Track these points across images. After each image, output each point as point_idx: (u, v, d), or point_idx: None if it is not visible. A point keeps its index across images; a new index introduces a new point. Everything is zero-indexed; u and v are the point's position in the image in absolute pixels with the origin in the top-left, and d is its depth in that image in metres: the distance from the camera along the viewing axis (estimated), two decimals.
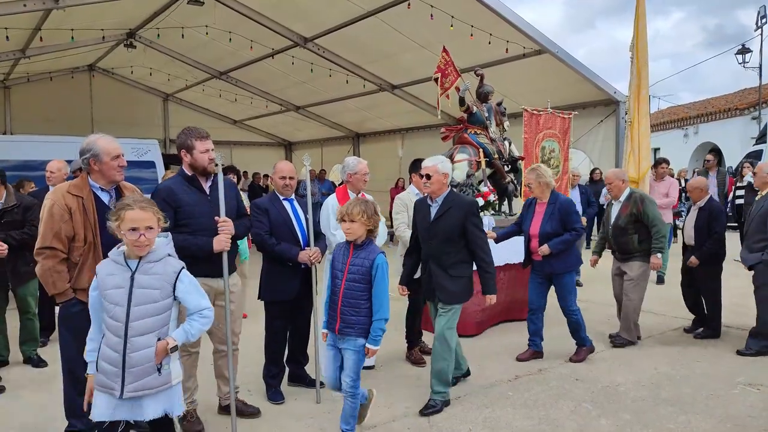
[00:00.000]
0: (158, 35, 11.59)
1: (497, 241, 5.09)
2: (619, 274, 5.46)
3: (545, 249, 4.72)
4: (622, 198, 5.37)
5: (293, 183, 4.15)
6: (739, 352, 5.02)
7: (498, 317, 6.03)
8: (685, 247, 5.80)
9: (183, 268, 2.64)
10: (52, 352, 4.74)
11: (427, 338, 5.39)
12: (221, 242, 3.43)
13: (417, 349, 5.04)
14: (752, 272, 5.12)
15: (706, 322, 5.62)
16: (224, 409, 3.77)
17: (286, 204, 4.10)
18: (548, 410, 3.93)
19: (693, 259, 5.52)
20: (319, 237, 4.22)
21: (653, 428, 3.63)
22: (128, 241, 2.52)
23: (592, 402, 4.06)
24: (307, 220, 4.10)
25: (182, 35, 11.04)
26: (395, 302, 7.05)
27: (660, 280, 7.92)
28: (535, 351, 5.02)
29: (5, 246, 4.50)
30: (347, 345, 3.32)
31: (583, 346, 4.98)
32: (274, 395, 4.07)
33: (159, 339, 2.53)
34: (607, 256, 5.69)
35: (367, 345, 3.30)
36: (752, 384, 4.34)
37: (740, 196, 9.44)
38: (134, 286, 2.51)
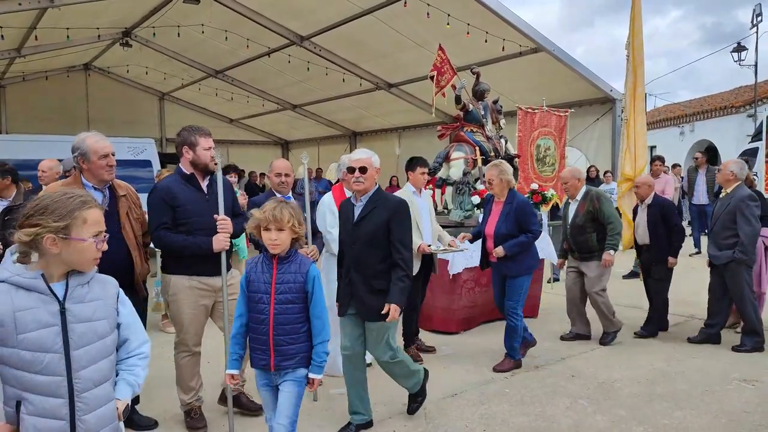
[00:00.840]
0: (154, 34, 11.56)
1: (472, 241, 4.97)
2: (577, 272, 5.41)
3: (499, 251, 4.53)
4: (579, 197, 5.32)
5: (289, 180, 4.14)
6: (734, 348, 5.05)
7: (492, 314, 6.04)
8: (639, 247, 5.73)
9: (117, 284, 1.98)
10: None
11: (423, 336, 5.41)
12: (221, 241, 3.43)
13: (414, 347, 5.05)
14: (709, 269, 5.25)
15: (650, 319, 5.60)
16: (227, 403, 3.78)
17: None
18: (544, 406, 3.94)
19: (672, 260, 5.44)
20: (316, 235, 4.22)
21: (648, 424, 3.65)
22: (88, 253, 1.83)
23: (588, 398, 4.08)
24: (304, 218, 4.09)
25: (178, 34, 11.01)
26: None
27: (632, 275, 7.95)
28: (526, 342, 4.90)
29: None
30: (286, 378, 2.71)
31: (511, 358, 4.68)
32: None
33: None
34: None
35: (310, 374, 2.70)
36: (747, 380, 4.37)
37: None
38: (69, 320, 1.78)
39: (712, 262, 5.25)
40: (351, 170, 3.44)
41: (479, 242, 4.95)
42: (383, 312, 3.29)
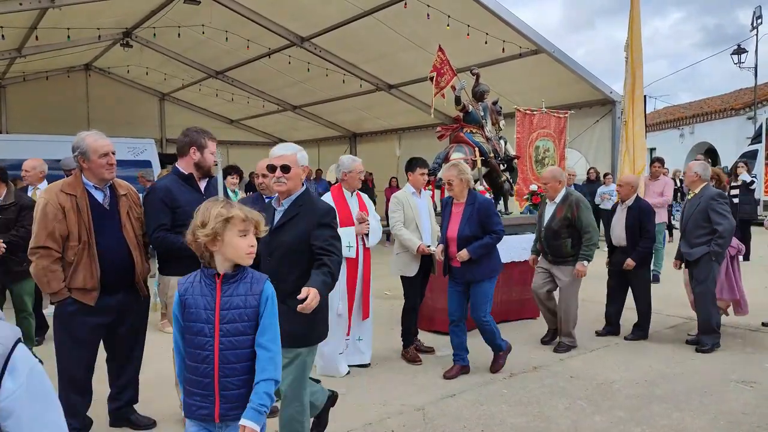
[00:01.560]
0: (154, 34, 11.59)
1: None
2: (547, 273, 5.26)
3: (464, 254, 4.29)
4: (558, 199, 5.14)
5: (268, 181, 4.07)
6: (697, 350, 5.06)
7: (505, 316, 6.04)
8: (612, 248, 5.64)
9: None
10: (46, 350, 4.73)
11: (422, 337, 5.41)
12: None
13: (412, 347, 5.05)
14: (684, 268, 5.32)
15: (638, 324, 5.53)
16: None
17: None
18: (542, 407, 3.94)
19: (629, 262, 5.35)
20: None
21: (647, 425, 3.65)
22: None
23: (587, 399, 4.08)
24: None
25: (178, 34, 11.03)
26: (391, 300, 7.09)
27: (655, 279, 7.94)
28: (462, 366, 4.56)
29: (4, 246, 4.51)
30: None
31: (501, 351, 4.65)
32: None
33: None
34: (599, 254, 5.70)
35: (243, 420, 1.99)
36: (746, 381, 4.37)
37: (735, 195, 9.48)
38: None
39: (686, 260, 5.28)
40: (271, 169, 2.85)
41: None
42: (299, 297, 2.52)
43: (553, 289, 5.29)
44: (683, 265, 5.42)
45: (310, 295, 2.52)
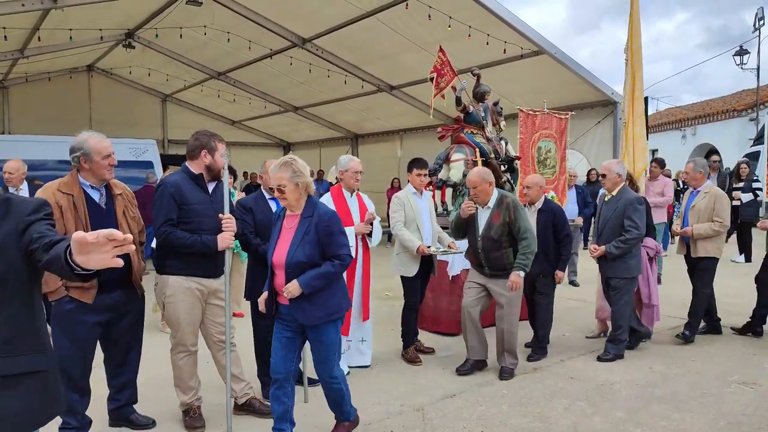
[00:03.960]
0: (156, 35, 11.61)
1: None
2: (482, 288, 4.62)
3: (293, 288, 3.08)
4: (491, 203, 4.53)
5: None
6: (599, 358, 4.93)
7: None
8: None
9: None
10: None
11: (425, 337, 5.41)
12: (225, 240, 3.46)
13: (412, 348, 5.06)
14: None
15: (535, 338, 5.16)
16: (241, 408, 3.79)
17: (272, 203, 4.09)
18: (542, 408, 3.94)
19: (559, 274, 4.99)
20: None
21: (647, 426, 3.65)
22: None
23: (587, 400, 4.07)
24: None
25: (180, 35, 11.05)
26: (392, 301, 7.08)
27: (657, 281, 7.90)
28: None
29: None
30: None
31: (346, 421, 3.51)
32: (269, 394, 4.07)
33: None
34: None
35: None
36: (746, 382, 4.36)
37: (737, 198, 9.47)
38: None
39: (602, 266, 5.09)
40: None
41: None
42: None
43: (487, 307, 4.69)
44: (600, 279, 5.22)
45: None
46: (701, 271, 5.39)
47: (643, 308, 5.40)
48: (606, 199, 5.12)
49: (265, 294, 3.31)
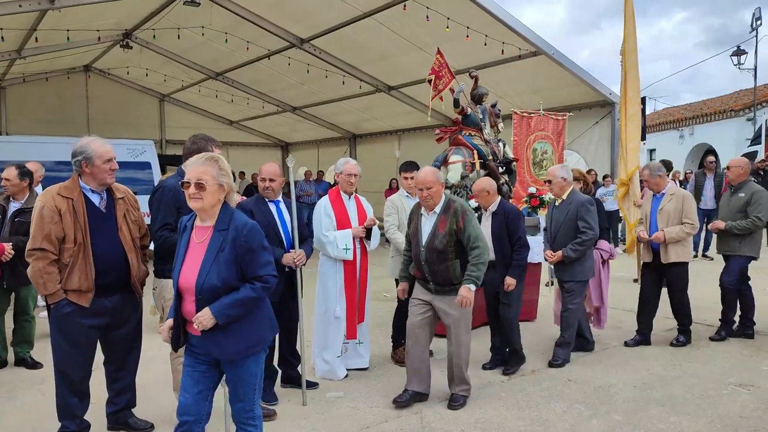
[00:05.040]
0: (154, 36, 11.60)
1: None
2: (428, 307, 4.05)
3: (204, 318, 2.52)
4: (438, 209, 3.96)
5: (275, 185, 4.07)
6: (550, 364, 4.83)
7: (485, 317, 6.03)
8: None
9: None
10: (43, 353, 4.74)
11: None
12: None
13: (401, 349, 5.07)
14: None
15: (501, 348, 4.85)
16: None
17: (272, 206, 4.09)
18: (540, 411, 3.95)
19: (508, 281, 4.57)
20: (304, 240, 4.20)
21: (644, 429, 3.66)
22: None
23: (584, 403, 4.08)
24: (291, 222, 4.10)
25: (178, 36, 11.05)
26: (390, 303, 7.07)
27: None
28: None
29: (11, 251, 4.51)
30: None
31: None
32: (267, 397, 4.07)
33: None
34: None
35: None
36: (743, 384, 4.37)
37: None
38: None
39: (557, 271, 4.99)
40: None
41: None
42: None
43: (434, 326, 4.11)
44: (553, 282, 5.14)
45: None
46: (675, 278, 5.25)
47: (592, 312, 5.40)
48: (556, 203, 5.04)
49: (169, 322, 2.69)
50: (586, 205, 4.82)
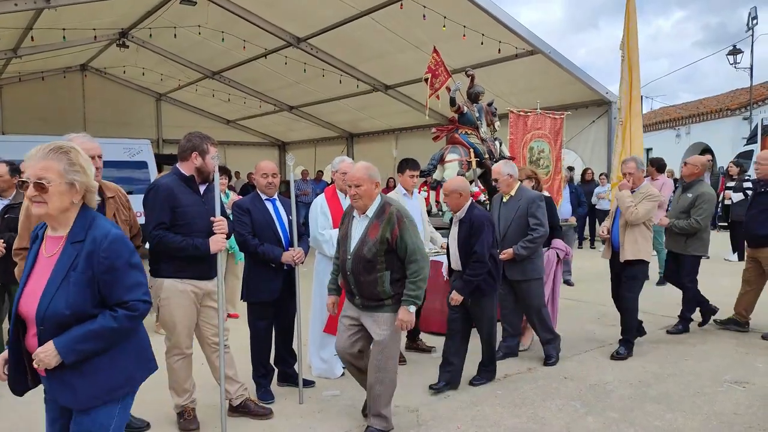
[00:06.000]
0: (150, 35, 11.59)
1: None
2: (356, 324, 3.54)
3: (48, 356, 1.99)
4: (370, 212, 3.43)
5: (276, 181, 4.11)
6: (545, 363, 4.79)
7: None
8: (451, 272, 4.50)
9: None
10: None
11: (424, 337, 5.42)
12: (218, 242, 3.45)
13: (414, 345, 5.15)
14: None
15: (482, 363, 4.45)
16: (235, 409, 3.78)
17: (268, 204, 4.09)
18: (536, 408, 3.96)
19: (455, 297, 4.13)
20: (302, 237, 4.20)
21: (639, 426, 3.67)
22: None
23: (580, 400, 4.09)
24: (290, 221, 4.11)
25: (175, 35, 11.04)
26: None
27: (661, 282, 7.73)
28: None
29: (3, 248, 4.49)
30: None
31: None
32: (264, 395, 4.08)
33: None
34: (595, 254, 5.69)
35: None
36: (738, 382, 4.39)
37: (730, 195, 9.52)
38: None
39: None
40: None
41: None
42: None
43: (367, 347, 3.60)
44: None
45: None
46: (629, 278, 4.94)
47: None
48: (504, 200, 4.85)
49: (3, 355, 2.13)
50: (537, 202, 4.68)
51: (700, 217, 5.44)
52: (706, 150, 19.87)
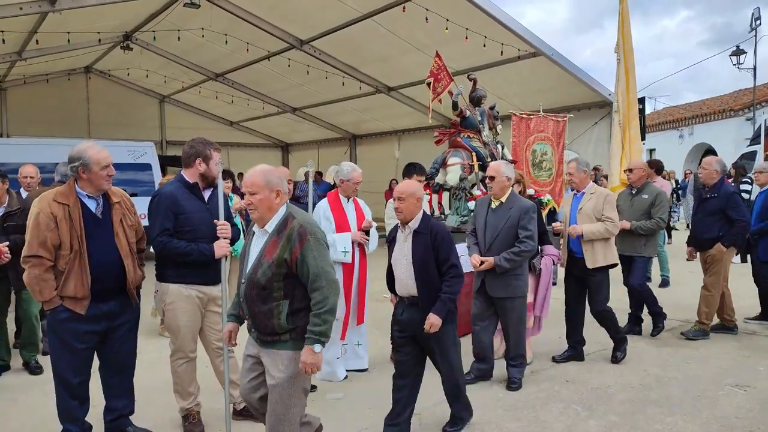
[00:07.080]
0: (154, 37, 11.63)
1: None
2: (256, 362, 2.93)
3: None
4: (270, 227, 2.80)
5: (291, 187, 4.16)
6: (508, 387, 4.39)
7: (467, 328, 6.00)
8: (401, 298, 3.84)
9: None
10: (46, 358, 4.77)
11: None
12: (222, 247, 3.50)
13: None
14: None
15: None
16: (240, 413, 3.81)
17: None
18: (537, 412, 3.98)
19: (432, 318, 3.35)
20: None
21: (641, 429, 3.69)
22: None
23: (581, 403, 4.11)
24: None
25: (178, 37, 11.09)
26: (384, 304, 7.08)
27: (664, 284, 7.74)
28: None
29: (8, 253, 4.51)
30: None
31: None
32: None
33: None
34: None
35: None
36: (739, 385, 4.40)
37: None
38: None
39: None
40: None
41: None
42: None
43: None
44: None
45: None
46: (596, 286, 4.84)
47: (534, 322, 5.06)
48: (492, 206, 4.41)
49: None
50: (530, 213, 4.31)
51: (663, 215, 5.52)
52: (710, 151, 19.84)
